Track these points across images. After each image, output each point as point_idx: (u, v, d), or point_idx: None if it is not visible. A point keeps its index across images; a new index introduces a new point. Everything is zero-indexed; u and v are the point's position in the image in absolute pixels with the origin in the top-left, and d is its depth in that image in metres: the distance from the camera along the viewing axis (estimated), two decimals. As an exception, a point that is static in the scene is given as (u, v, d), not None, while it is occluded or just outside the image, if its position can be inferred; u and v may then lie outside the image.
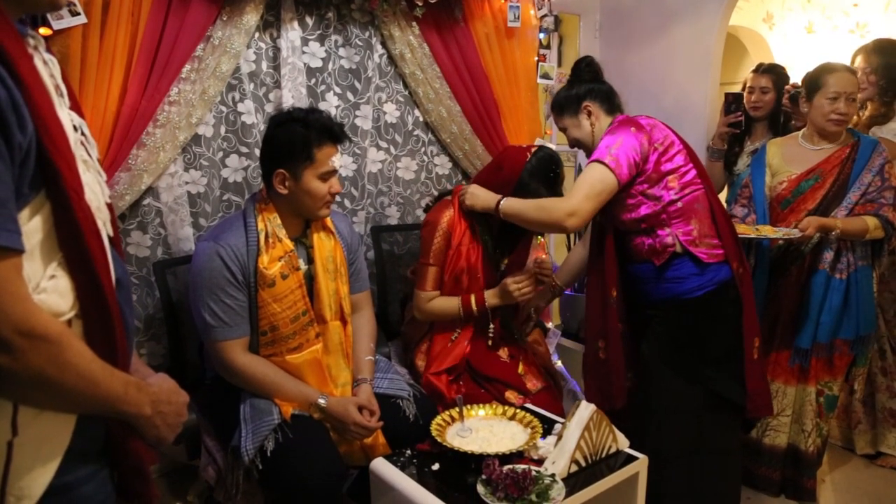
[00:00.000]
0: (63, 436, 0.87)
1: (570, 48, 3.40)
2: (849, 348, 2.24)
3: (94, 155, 0.98)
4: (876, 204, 2.14)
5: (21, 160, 0.77)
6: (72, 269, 0.86)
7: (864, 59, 2.50)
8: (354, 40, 2.43)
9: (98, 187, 0.96)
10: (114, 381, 0.88)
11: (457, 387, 2.05)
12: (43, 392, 0.82)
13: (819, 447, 2.33)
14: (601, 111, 1.95)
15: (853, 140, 2.21)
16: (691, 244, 1.85)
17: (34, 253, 0.82)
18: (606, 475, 1.56)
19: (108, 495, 0.96)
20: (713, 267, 1.85)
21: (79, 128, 0.94)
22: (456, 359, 2.07)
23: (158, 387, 0.98)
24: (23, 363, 0.77)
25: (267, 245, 1.72)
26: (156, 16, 1.93)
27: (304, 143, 1.69)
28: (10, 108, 0.75)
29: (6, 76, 0.76)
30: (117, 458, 0.98)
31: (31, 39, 0.88)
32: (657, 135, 1.84)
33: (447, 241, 2.05)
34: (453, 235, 2.05)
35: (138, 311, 2.14)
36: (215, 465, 1.82)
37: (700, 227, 1.86)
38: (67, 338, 0.82)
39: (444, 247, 2.06)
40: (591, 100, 1.94)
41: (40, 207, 0.82)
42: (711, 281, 1.86)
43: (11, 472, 0.82)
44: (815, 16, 3.71)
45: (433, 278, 2.08)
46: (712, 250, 1.86)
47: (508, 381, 2.08)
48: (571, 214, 1.78)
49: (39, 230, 0.82)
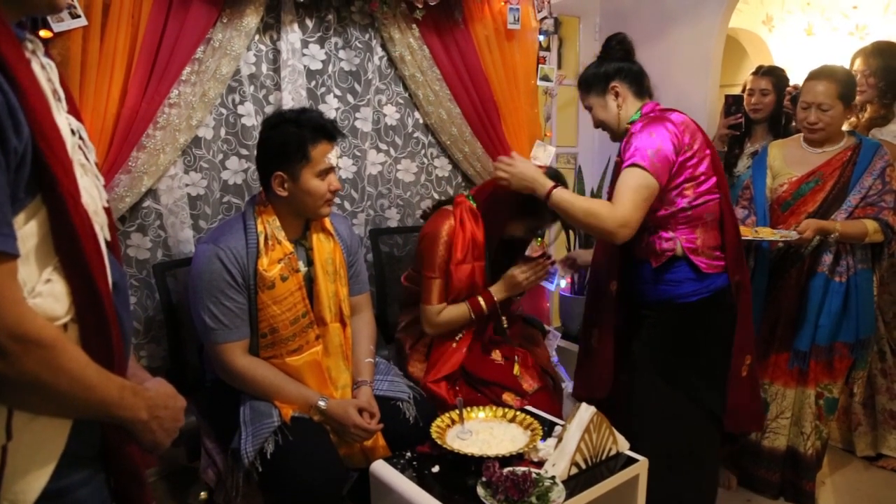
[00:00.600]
0: (58, 440, 0.87)
1: (570, 50, 3.41)
2: (848, 351, 2.23)
3: (92, 159, 0.98)
4: (876, 207, 2.14)
5: (17, 165, 0.77)
6: (68, 273, 0.85)
7: (864, 62, 2.50)
8: (354, 42, 2.43)
9: (96, 191, 0.96)
10: (109, 385, 0.87)
11: (454, 392, 2.05)
12: (38, 397, 0.82)
13: (818, 450, 2.32)
14: (629, 93, 1.88)
15: (855, 143, 2.21)
16: (692, 252, 1.83)
17: (30, 257, 0.81)
18: (607, 477, 1.56)
19: (103, 500, 0.96)
20: (711, 276, 1.85)
21: (77, 132, 0.94)
22: (454, 365, 2.07)
23: (155, 391, 0.97)
24: (17, 368, 0.76)
25: (266, 247, 1.72)
26: (156, 18, 1.93)
27: (298, 142, 1.69)
28: (5, 113, 0.75)
29: (2, 80, 0.76)
30: (113, 462, 0.97)
31: (29, 44, 0.88)
32: (687, 138, 1.79)
33: (449, 251, 2.02)
34: (455, 247, 2.02)
35: (138, 313, 2.14)
36: (215, 468, 1.82)
37: (705, 236, 1.84)
38: (62, 342, 0.82)
39: (447, 258, 2.03)
40: (620, 80, 1.87)
41: (36, 212, 0.82)
42: (708, 288, 1.85)
43: (6, 477, 0.82)
44: (815, 18, 3.72)
45: (439, 291, 2.04)
46: (713, 261, 1.85)
47: (504, 383, 2.08)
48: (623, 225, 1.71)
49: (35, 234, 0.82)
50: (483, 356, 2.14)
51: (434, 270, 2.03)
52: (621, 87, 1.87)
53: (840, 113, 2.15)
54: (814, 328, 2.22)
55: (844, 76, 2.18)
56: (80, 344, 0.87)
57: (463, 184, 2.82)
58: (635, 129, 1.81)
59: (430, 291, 2.04)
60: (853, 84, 2.19)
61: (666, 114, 1.83)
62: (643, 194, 1.72)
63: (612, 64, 1.89)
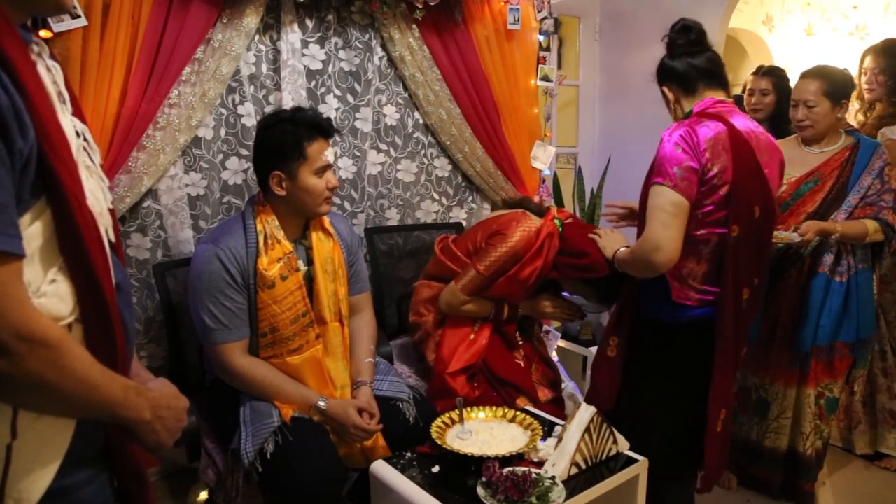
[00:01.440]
0: (62, 439, 0.87)
1: (570, 50, 3.41)
2: (849, 351, 2.23)
3: (97, 161, 0.99)
4: (876, 207, 2.14)
5: (22, 166, 0.78)
6: (72, 273, 0.86)
7: (873, 60, 2.51)
8: (354, 43, 2.43)
9: (101, 193, 0.96)
10: (113, 385, 0.88)
11: (472, 388, 2.03)
12: (42, 396, 0.82)
13: (819, 450, 2.32)
14: (680, 94, 1.78)
15: (853, 142, 2.21)
16: (673, 277, 1.71)
17: (34, 258, 0.82)
18: (606, 477, 1.56)
19: (106, 499, 0.96)
20: (687, 306, 1.73)
21: (81, 133, 0.94)
22: (474, 356, 2.04)
23: (158, 392, 0.98)
24: (22, 368, 0.76)
25: (266, 247, 1.72)
26: (156, 18, 1.93)
27: (294, 141, 1.70)
28: (11, 114, 0.75)
29: (8, 83, 0.76)
30: (115, 462, 0.98)
31: (35, 46, 0.88)
32: (705, 158, 1.62)
33: (512, 260, 1.99)
34: (523, 268, 1.99)
35: (138, 313, 2.14)
36: (215, 468, 1.82)
37: (692, 267, 1.71)
38: (67, 342, 0.82)
39: (505, 270, 2.00)
40: (668, 83, 1.79)
41: (41, 213, 0.82)
42: (683, 315, 1.74)
43: (10, 476, 0.82)
44: (815, 18, 3.72)
45: (475, 286, 2.02)
46: (696, 294, 1.72)
47: (521, 386, 2.07)
48: (655, 249, 1.60)
49: (40, 235, 0.82)
50: (507, 353, 2.13)
51: (488, 269, 1.99)
52: (670, 90, 1.79)
53: (827, 110, 2.15)
54: (815, 328, 2.21)
55: (832, 74, 2.18)
56: (84, 344, 0.88)
57: (463, 184, 2.82)
58: (665, 135, 1.67)
59: (472, 282, 2.01)
60: (842, 82, 2.17)
61: (703, 122, 1.66)
62: (669, 211, 1.60)
63: (663, 62, 1.79)
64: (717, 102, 1.72)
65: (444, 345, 2.06)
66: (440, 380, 2.02)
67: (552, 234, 2.02)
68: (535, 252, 1.99)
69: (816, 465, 2.34)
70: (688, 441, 1.84)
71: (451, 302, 2.06)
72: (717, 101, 1.72)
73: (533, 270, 1.99)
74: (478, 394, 2.02)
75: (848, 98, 2.18)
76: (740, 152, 1.64)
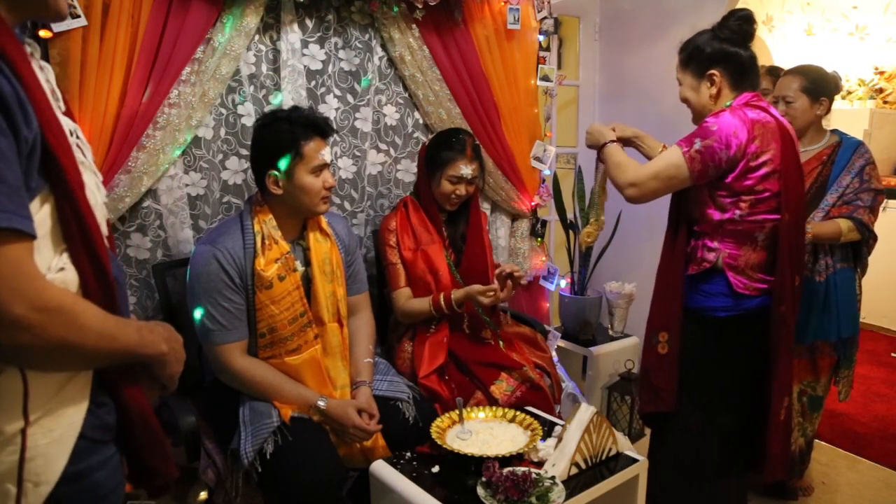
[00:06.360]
0: (75, 422, 0.90)
1: (570, 50, 3.41)
2: (831, 349, 2.24)
3: (90, 157, 1.01)
4: (852, 206, 2.13)
5: (27, 154, 0.80)
6: (76, 261, 0.89)
7: None
8: (354, 42, 2.43)
9: (95, 188, 0.99)
10: (129, 330, 0.93)
11: (445, 383, 2.07)
12: (68, 356, 0.85)
13: (802, 447, 2.33)
14: (726, 84, 1.72)
15: (836, 141, 2.21)
16: (730, 268, 1.72)
17: (41, 244, 0.84)
18: (606, 477, 1.56)
19: (119, 482, 1.00)
20: (747, 296, 1.73)
21: (73, 132, 0.97)
22: (440, 354, 2.12)
23: (161, 327, 1.03)
24: (45, 336, 0.79)
25: (263, 247, 1.72)
26: (156, 18, 1.93)
27: (291, 139, 1.70)
28: (15, 102, 0.78)
29: (10, 73, 0.79)
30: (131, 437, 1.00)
31: (27, 47, 0.90)
32: (755, 146, 1.64)
33: (397, 238, 2.21)
34: (404, 234, 2.21)
35: (137, 313, 2.13)
36: (215, 468, 1.81)
37: (749, 256, 1.72)
38: (80, 303, 0.86)
39: (398, 245, 2.21)
40: (723, 68, 1.71)
41: (45, 201, 0.85)
42: (739, 307, 1.74)
43: (27, 460, 0.85)
44: (815, 18, 3.72)
45: (401, 275, 2.21)
46: (752, 282, 1.73)
47: (498, 362, 2.11)
48: (632, 185, 1.73)
49: (46, 222, 0.85)
50: (471, 339, 2.22)
51: (391, 258, 2.21)
52: (720, 76, 1.71)
53: (806, 106, 2.17)
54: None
55: (811, 72, 2.21)
56: None
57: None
58: (709, 119, 1.67)
59: (395, 277, 2.22)
60: (821, 80, 2.19)
61: (748, 112, 1.66)
62: (669, 171, 1.69)
63: (723, 46, 1.70)
64: (754, 96, 1.74)
65: (415, 355, 2.14)
66: (421, 388, 2.04)
67: (405, 199, 2.33)
68: (403, 218, 2.24)
69: (801, 462, 2.34)
70: (742, 438, 1.83)
71: (397, 305, 2.21)
72: (755, 94, 1.74)
73: (412, 229, 2.23)
74: (453, 385, 2.06)
75: (828, 96, 2.19)
76: (786, 143, 1.69)
